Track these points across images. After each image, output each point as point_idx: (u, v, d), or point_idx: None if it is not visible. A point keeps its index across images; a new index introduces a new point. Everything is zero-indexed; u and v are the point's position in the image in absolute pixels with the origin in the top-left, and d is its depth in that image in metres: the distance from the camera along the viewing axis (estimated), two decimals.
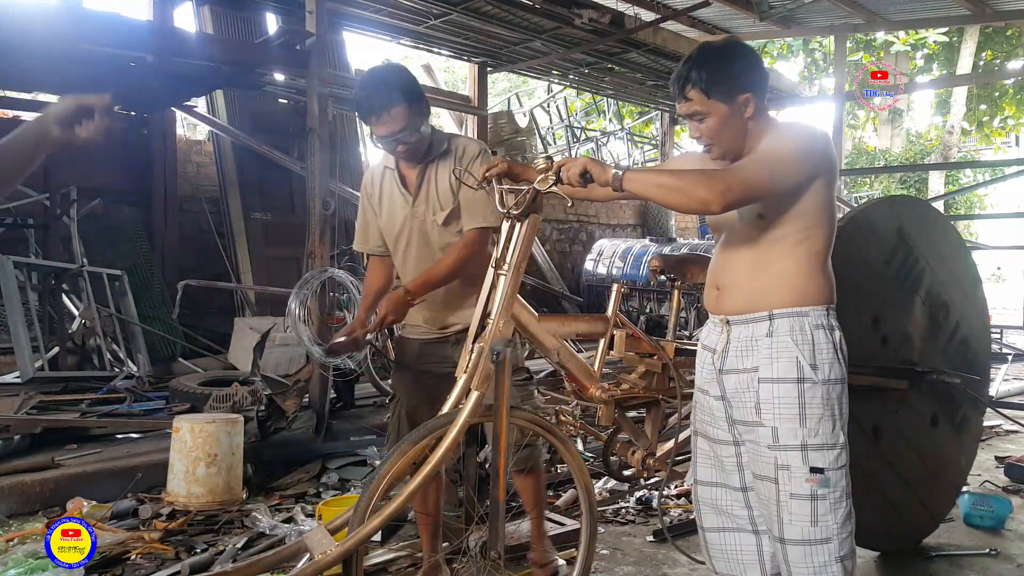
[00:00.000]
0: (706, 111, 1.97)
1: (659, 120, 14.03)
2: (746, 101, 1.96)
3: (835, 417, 1.98)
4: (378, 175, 2.77)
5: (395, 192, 2.71)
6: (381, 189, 2.75)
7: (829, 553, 1.96)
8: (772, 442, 1.98)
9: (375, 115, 2.51)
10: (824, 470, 1.95)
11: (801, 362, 1.96)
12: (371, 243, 2.83)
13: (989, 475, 4.30)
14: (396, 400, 2.81)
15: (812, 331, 1.97)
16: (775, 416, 1.98)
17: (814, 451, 1.95)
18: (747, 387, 2.02)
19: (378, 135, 2.54)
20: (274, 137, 7.54)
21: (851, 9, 8.97)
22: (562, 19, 8.20)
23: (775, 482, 1.99)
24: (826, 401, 1.97)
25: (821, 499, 1.95)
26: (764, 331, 2.00)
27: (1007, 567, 3.12)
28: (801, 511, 1.96)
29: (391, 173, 2.73)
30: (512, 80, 18.73)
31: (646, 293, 9.83)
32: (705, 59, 1.99)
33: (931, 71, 16.11)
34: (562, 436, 2.50)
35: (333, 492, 3.93)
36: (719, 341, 2.10)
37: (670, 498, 3.87)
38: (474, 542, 2.29)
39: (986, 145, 17.55)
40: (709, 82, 1.95)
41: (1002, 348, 8.88)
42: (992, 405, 4.15)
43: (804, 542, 1.96)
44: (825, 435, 1.96)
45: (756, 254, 2.03)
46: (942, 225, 3.37)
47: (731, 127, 1.98)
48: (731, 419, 2.10)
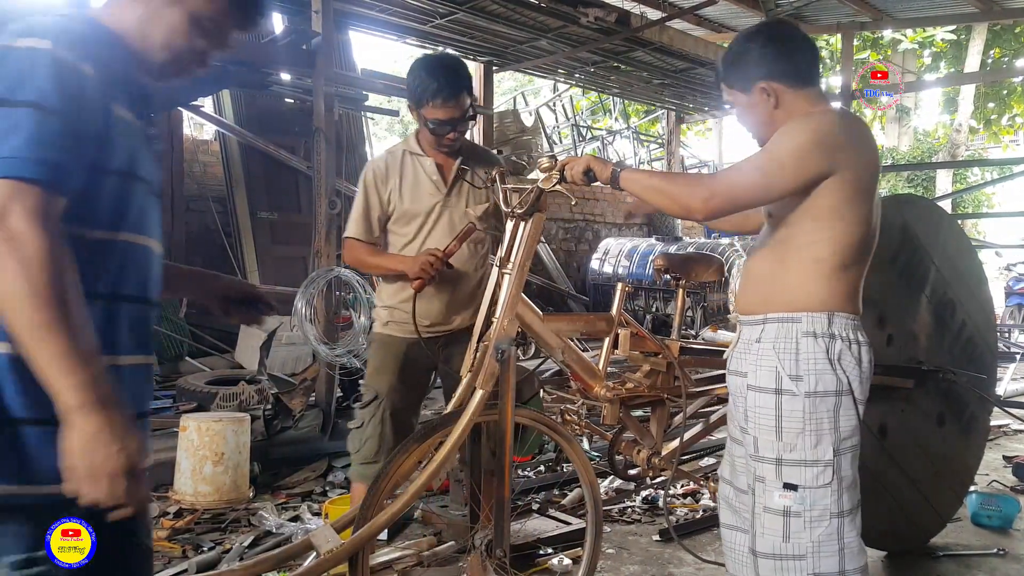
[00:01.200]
0: (733, 101, 1.98)
1: (665, 119, 14.02)
2: (763, 90, 1.89)
3: (820, 432, 1.83)
4: (396, 160, 2.74)
5: (423, 178, 2.71)
6: (402, 173, 2.72)
7: (801, 570, 1.84)
8: (753, 452, 1.91)
9: (442, 98, 2.54)
10: (799, 487, 1.83)
11: (780, 372, 1.85)
12: (375, 231, 2.77)
13: (997, 474, 4.28)
14: (377, 402, 2.74)
15: (799, 339, 1.84)
16: (756, 426, 1.90)
17: (789, 466, 1.84)
18: (739, 392, 1.98)
19: (437, 119, 2.56)
20: (280, 136, 7.56)
21: (858, 7, 8.94)
22: (568, 18, 8.19)
23: (752, 493, 1.93)
24: (809, 415, 1.82)
25: (795, 516, 1.83)
26: (756, 335, 1.92)
27: (1015, 567, 3.11)
28: (773, 525, 1.86)
29: (416, 159, 2.73)
30: (518, 79, 18.73)
31: (652, 292, 9.82)
32: (730, 48, 2.01)
33: (939, 69, 16.03)
34: (567, 435, 2.50)
35: (339, 490, 3.94)
36: (735, 339, 2.08)
37: (676, 497, 3.86)
38: (480, 540, 2.29)
39: (994, 143, 17.44)
40: (726, 74, 1.96)
41: (1010, 347, 8.84)
42: (999, 404, 4.13)
43: (774, 556, 1.86)
44: (804, 451, 1.83)
45: (766, 255, 1.96)
46: (947, 223, 3.36)
47: (754, 116, 1.94)
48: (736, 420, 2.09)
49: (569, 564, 2.95)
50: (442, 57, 2.80)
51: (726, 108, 13.18)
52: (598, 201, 12.18)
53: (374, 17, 8.10)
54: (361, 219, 2.75)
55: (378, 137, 19.58)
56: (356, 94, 8.03)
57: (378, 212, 2.74)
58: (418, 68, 2.62)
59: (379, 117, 12.81)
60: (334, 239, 5.26)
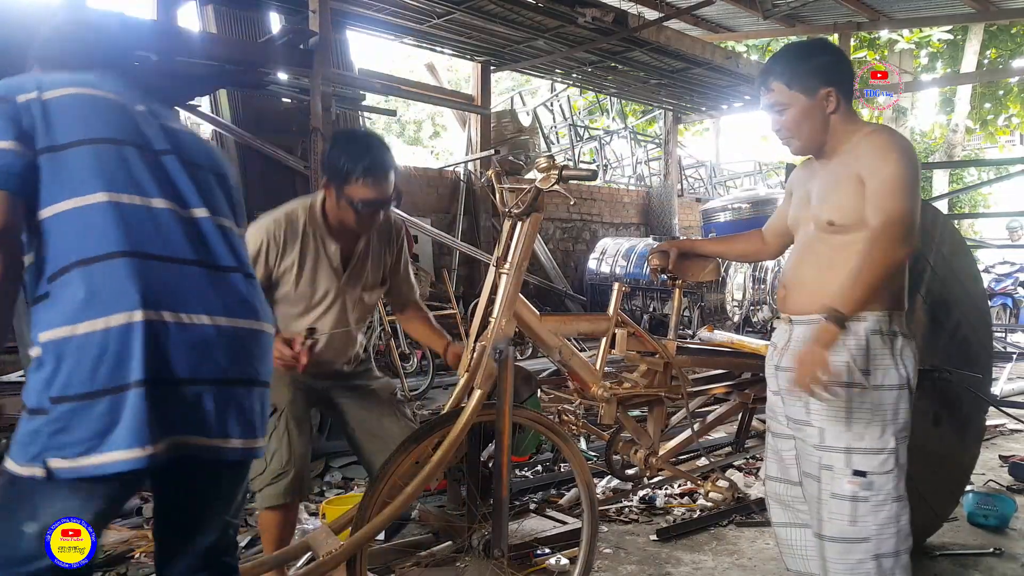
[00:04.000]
0: (787, 103, 2.03)
1: (662, 119, 14.03)
2: (827, 95, 2.00)
3: (885, 423, 1.99)
4: (297, 236, 2.45)
5: (324, 263, 2.49)
6: (303, 253, 2.46)
7: (866, 551, 1.99)
8: (818, 442, 2.03)
9: (374, 176, 2.34)
10: (867, 473, 1.98)
11: (852, 366, 1.98)
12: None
13: (993, 474, 4.29)
14: (277, 414, 2.49)
15: (868, 336, 1.99)
16: (823, 417, 2.02)
17: (858, 455, 1.99)
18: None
19: (362, 198, 2.34)
20: (278, 136, 7.55)
21: (855, 7, 8.96)
22: (565, 18, 8.20)
23: (818, 480, 2.04)
24: (876, 406, 1.98)
25: (862, 501, 1.98)
26: None
27: (1011, 566, 3.12)
28: (840, 510, 2.00)
29: (320, 241, 2.48)
30: (515, 79, 18.74)
31: (649, 292, 9.83)
32: (790, 53, 2.09)
33: (935, 69, 16.06)
34: (564, 435, 2.50)
35: (336, 491, 3.94)
36: (782, 338, 2.17)
37: (673, 497, 3.87)
38: (477, 540, 2.29)
39: (990, 143, 17.50)
40: (791, 74, 2.02)
41: (1006, 347, 8.86)
42: (995, 404, 4.14)
43: (842, 540, 2.00)
44: (871, 439, 1.98)
45: (821, 258, 2.06)
46: (942, 223, 3.37)
47: (812, 120, 2.02)
48: (785, 414, 2.17)
49: (566, 564, 2.95)
50: (368, 134, 2.62)
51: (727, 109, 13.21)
52: (595, 201, 12.19)
53: (372, 17, 8.11)
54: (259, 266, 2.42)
55: None
56: (353, 94, 8.04)
57: (262, 273, 2.42)
58: (344, 143, 2.44)
59: (376, 117, 12.79)
60: None
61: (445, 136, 22.18)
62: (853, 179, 1.96)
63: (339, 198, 2.38)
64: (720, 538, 3.35)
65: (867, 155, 1.96)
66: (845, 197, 1.97)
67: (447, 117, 13.15)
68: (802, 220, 2.16)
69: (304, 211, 2.48)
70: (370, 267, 2.57)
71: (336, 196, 2.39)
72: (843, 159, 2.02)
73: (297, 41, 6.59)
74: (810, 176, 2.19)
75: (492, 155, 9.82)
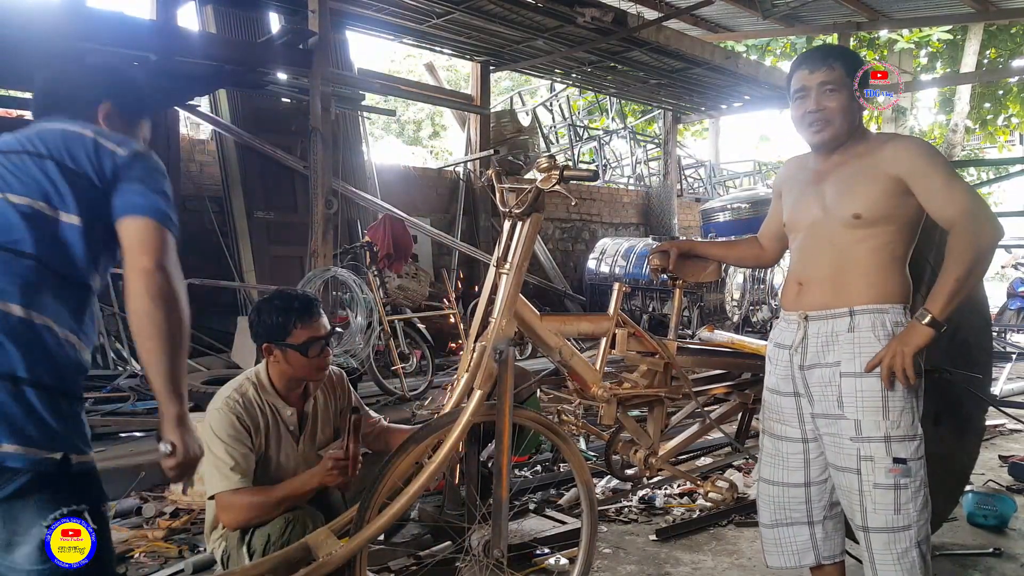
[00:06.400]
0: (842, 86, 2.10)
1: (662, 118, 14.03)
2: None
3: (914, 410, 2.08)
4: (256, 410, 2.43)
5: (284, 431, 2.49)
6: (267, 427, 2.45)
7: (910, 539, 2.05)
8: (855, 434, 2.07)
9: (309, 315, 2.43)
10: (906, 460, 2.05)
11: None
12: (251, 475, 2.39)
13: (993, 474, 4.29)
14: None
15: (893, 327, 2.06)
16: (858, 409, 2.06)
17: (897, 442, 2.05)
18: (829, 381, 2.11)
19: (307, 338, 2.40)
20: (277, 136, 7.55)
21: (855, 7, 8.96)
22: (564, 18, 8.20)
23: (857, 473, 2.08)
24: (907, 394, 2.05)
25: (903, 488, 2.05)
26: (845, 327, 2.08)
27: (1011, 566, 3.12)
28: (885, 500, 2.05)
29: (275, 409, 2.48)
30: (515, 79, 18.75)
31: (649, 292, 9.82)
32: (847, 49, 2.32)
33: (935, 69, 16.07)
34: (564, 435, 2.50)
35: None
36: (795, 337, 2.18)
37: (673, 497, 3.87)
38: (477, 541, 2.29)
39: (990, 143, 17.49)
40: (852, 64, 2.12)
41: (1005, 347, 8.86)
42: (995, 404, 4.14)
43: (888, 529, 2.06)
44: (906, 427, 2.06)
45: (840, 252, 2.11)
46: None
47: (852, 112, 2.12)
48: (806, 414, 2.19)
49: (566, 564, 2.95)
50: (281, 290, 2.61)
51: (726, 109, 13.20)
52: (595, 201, 12.19)
53: (371, 17, 8.10)
54: (238, 467, 2.33)
55: (375, 136, 19.59)
56: (353, 93, 8.03)
57: (253, 457, 2.40)
58: (267, 307, 2.45)
59: (376, 116, 12.79)
60: (331, 239, 5.26)
61: (444, 136, 22.17)
62: (883, 177, 2.04)
63: (284, 353, 2.42)
64: (720, 538, 3.35)
65: (906, 159, 2.03)
66: (874, 192, 2.05)
67: (447, 117, 13.15)
68: (810, 216, 2.17)
69: (252, 385, 2.48)
70: (321, 424, 2.61)
71: (282, 354, 2.43)
72: (866, 160, 2.09)
73: (296, 41, 6.58)
74: (810, 174, 2.20)
75: (491, 155, 9.82)
